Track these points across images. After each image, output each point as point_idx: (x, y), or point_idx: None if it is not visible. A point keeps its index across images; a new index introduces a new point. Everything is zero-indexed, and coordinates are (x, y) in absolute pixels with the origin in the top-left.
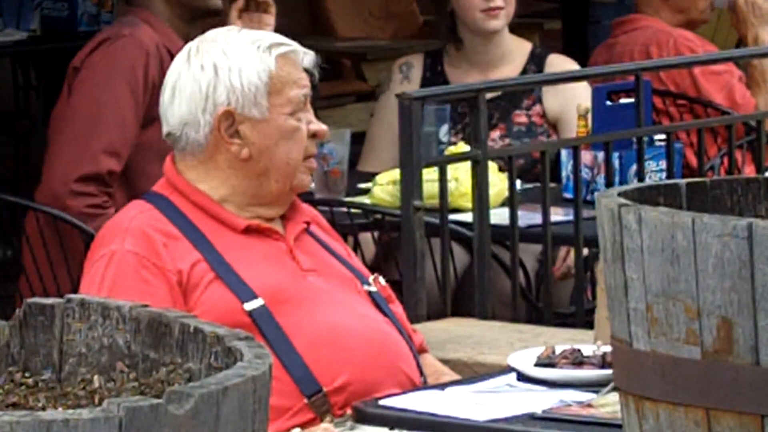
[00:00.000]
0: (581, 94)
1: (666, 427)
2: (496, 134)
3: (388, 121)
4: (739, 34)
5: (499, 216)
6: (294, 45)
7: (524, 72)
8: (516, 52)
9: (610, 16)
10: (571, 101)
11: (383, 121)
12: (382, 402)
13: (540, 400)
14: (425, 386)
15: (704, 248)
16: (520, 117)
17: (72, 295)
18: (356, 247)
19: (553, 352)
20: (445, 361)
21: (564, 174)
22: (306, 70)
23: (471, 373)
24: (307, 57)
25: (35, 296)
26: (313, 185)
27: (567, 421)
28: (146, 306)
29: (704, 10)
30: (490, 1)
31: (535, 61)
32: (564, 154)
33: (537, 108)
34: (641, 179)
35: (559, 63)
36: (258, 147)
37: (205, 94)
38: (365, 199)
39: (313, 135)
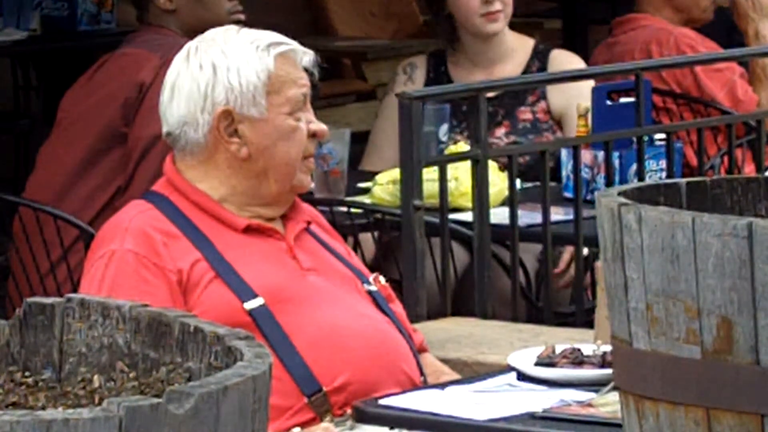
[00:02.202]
0: (586, 90)
1: (666, 427)
2: (501, 132)
3: (392, 122)
4: (739, 29)
5: (499, 216)
6: (293, 44)
7: (527, 68)
8: (518, 48)
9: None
10: (575, 97)
11: (387, 122)
12: (382, 402)
13: (540, 400)
14: (425, 386)
15: (704, 248)
16: (525, 114)
17: (72, 295)
18: (356, 247)
19: (553, 352)
20: (445, 361)
21: (564, 174)
22: (306, 70)
23: (471, 372)
24: (307, 56)
25: (34, 296)
26: (313, 185)
27: (567, 420)
28: (146, 306)
29: (706, 9)
30: (489, 6)
31: (539, 57)
32: (564, 153)
33: (542, 104)
34: (641, 179)
35: (562, 58)
36: (257, 146)
37: (203, 94)
38: (365, 199)
39: (313, 135)
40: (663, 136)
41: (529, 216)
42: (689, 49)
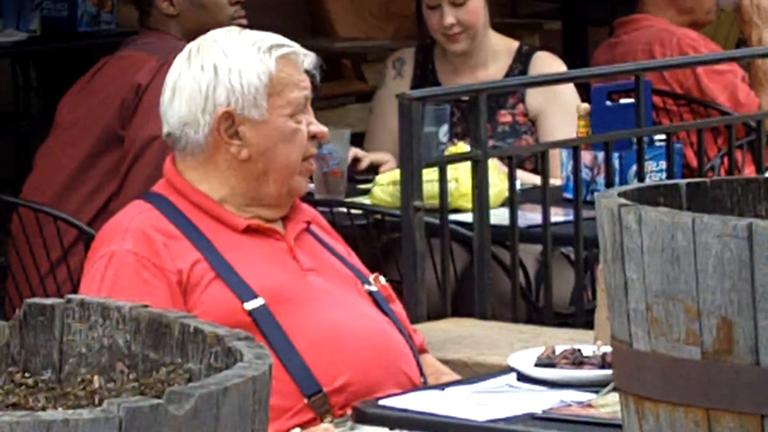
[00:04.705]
0: (562, 90)
1: (666, 427)
2: None
3: (384, 116)
4: (743, 35)
5: (499, 216)
6: (294, 46)
7: (510, 71)
8: (502, 51)
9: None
10: (551, 97)
11: (379, 117)
12: (382, 402)
13: (540, 401)
14: (425, 386)
15: (704, 248)
16: (505, 117)
17: (72, 296)
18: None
19: (553, 352)
20: (445, 362)
21: (564, 174)
22: (307, 72)
23: (471, 373)
24: (308, 59)
25: (34, 297)
26: (312, 186)
27: (567, 421)
28: (146, 306)
29: (710, 11)
30: (447, 29)
31: (522, 60)
32: (564, 154)
33: (520, 107)
34: (641, 179)
35: (543, 61)
36: (257, 148)
37: (204, 95)
38: (365, 200)
39: (313, 136)
40: (663, 136)
41: (529, 217)
42: (691, 50)
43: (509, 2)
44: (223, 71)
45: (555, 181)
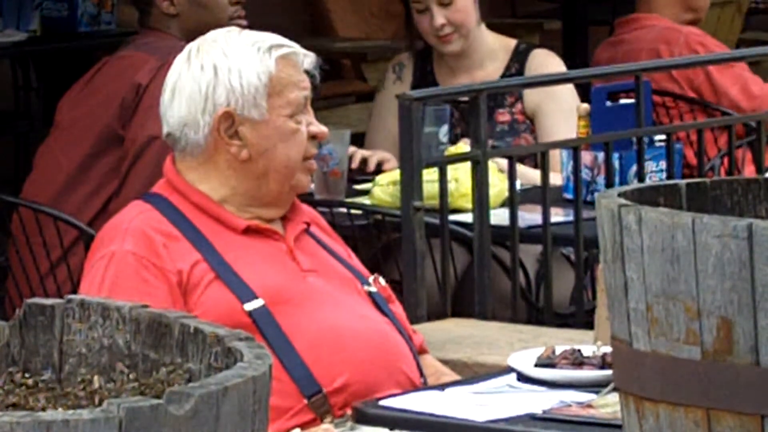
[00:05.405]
0: (559, 87)
1: (666, 427)
2: None
3: (384, 120)
4: None
5: (499, 216)
6: (294, 46)
7: (507, 69)
8: (499, 50)
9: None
10: (548, 94)
11: (379, 120)
12: (382, 402)
13: (540, 401)
14: (425, 387)
15: (704, 248)
16: (503, 116)
17: (72, 296)
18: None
19: (553, 353)
20: (445, 362)
21: (564, 174)
22: (306, 72)
23: (471, 373)
24: (308, 59)
25: (34, 296)
26: (312, 186)
27: (567, 421)
28: (146, 306)
29: (706, 9)
30: (438, 30)
31: (519, 58)
32: (564, 154)
33: (518, 105)
34: (641, 179)
35: (540, 59)
36: (257, 148)
37: (204, 95)
38: (365, 200)
39: (313, 137)
40: (663, 137)
41: (529, 217)
42: (700, 47)
43: (509, 2)
44: (223, 71)
45: (556, 178)
